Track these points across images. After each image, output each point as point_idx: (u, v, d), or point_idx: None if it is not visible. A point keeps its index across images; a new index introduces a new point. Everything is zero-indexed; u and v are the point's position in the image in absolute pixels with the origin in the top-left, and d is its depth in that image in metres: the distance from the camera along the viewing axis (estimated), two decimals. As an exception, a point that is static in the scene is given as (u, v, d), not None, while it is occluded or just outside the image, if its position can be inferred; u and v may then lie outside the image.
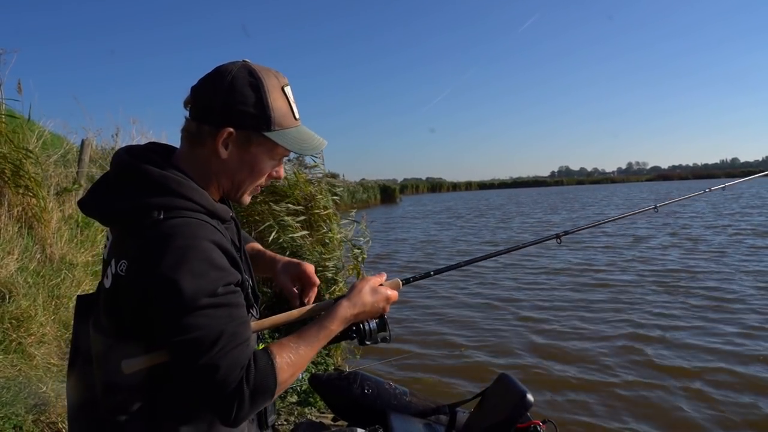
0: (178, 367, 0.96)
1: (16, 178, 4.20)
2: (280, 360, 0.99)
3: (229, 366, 0.92)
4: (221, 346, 0.93)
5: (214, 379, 0.92)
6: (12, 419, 2.55)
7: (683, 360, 4.93)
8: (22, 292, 3.46)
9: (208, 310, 0.93)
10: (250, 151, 1.08)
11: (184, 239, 0.95)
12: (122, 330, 1.00)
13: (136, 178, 1.02)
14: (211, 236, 0.99)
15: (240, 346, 0.95)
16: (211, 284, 0.94)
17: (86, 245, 4.72)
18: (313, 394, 3.57)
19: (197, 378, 0.93)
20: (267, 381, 0.97)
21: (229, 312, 0.96)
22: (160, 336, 0.95)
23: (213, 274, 0.95)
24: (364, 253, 5.00)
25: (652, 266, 9.51)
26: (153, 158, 1.05)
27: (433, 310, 7.20)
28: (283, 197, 5.11)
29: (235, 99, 1.03)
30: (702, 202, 24.27)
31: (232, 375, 0.93)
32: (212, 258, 0.96)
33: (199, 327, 0.92)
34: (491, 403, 1.94)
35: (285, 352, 1.01)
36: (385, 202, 44.21)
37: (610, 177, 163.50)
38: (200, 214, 1.02)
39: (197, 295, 0.92)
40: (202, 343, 0.92)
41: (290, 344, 1.04)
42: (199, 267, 0.94)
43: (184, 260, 0.93)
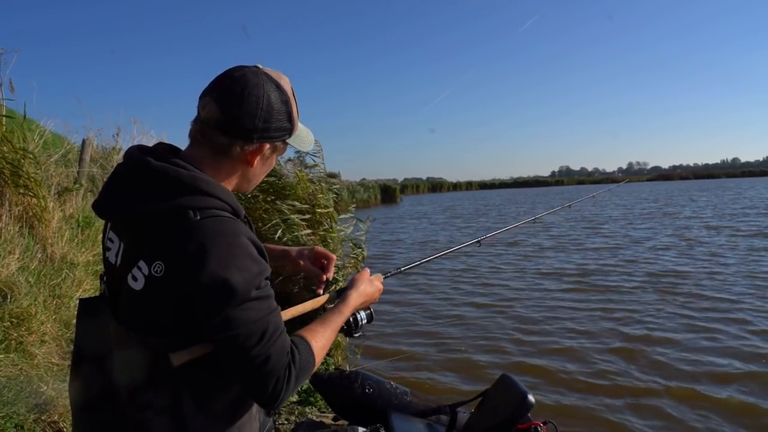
0: (230, 360, 1.01)
1: (16, 178, 4.20)
2: (315, 344, 1.12)
3: (278, 354, 1.01)
4: (269, 336, 1.00)
5: (267, 367, 0.99)
6: (13, 418, 2.55)
7: (685, 363, 4.93)
8: (23, 291, 3.47)
9: (255, 302, 1.00)
10: (273, 156, 1.17)
11: (226, 237, 1.00)
12: (157, 328, 1.01)
13: (165, 179, 1.01)
14: (246, 233, 1.05)
15: (283, 334, 1.04)
16: (256, 278, 1.00)
17: (87, 245, 4.72)
18: (313, 394, 3.58)
19: (251, 368, 0.99)
20: (308, 363, 1.08)
21: (269, 303, 1.03)
22: (209, 330, 0.99)
23: (255, 268, 1.01)
24: (365, 251, 5.00)
25: (650, 268, 9.51)
26: (175, 159, 1.05)
27: (434, 310, 7.21)
28: (285, 196, 5.12)
29: (275, 118, 1.09)
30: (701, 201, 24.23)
31: (281, 361, 1.01)
32: (252, 253, 1.02)
33: (250, 321, 0.99)
34: (492, 404, 1.94)
35: (317, 337, 1.14)
36: (385, 201, 44.21)
37: (611, 177, 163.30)
38: (229, 213, 1.06)
39: (247, 289, 0.98)
40: (254, 336, 0.99)
41: (319, 329, 1.17)
42: (243, 263, 0.99)
43: (230, 257, 0.97)
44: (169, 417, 1.02)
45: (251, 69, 1.08)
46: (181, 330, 1.00)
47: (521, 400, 1.79)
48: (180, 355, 0.99)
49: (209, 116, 1.06)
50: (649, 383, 4.48)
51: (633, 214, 21.29)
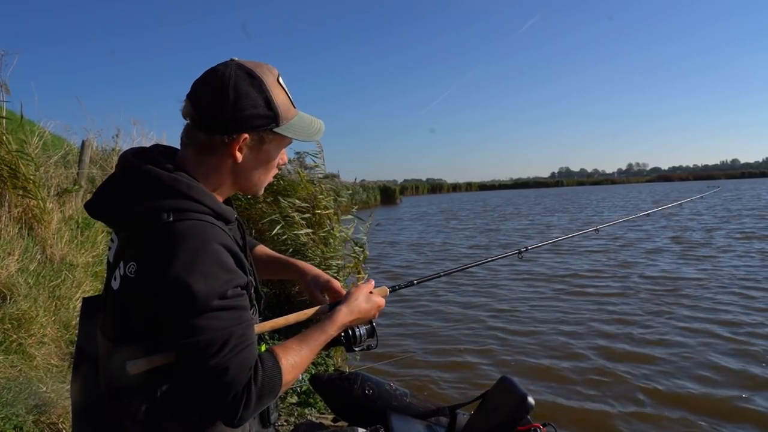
0: (186, 369, 0.97)
1: (14, 180, 4.20)
2: (285, 362, 1.03)
3: (238, 367, 0.95)
4: (230, 348, 0.95)
5: (224, 380, 0.94)
6: (12, 420, 2.55)
7: (688, 366, 4.93)
8: (22, 293, 3.46)
9: (219, 312, 0.95)
10: (263, 149, 1.09)
11: (195, 241, 0.96)
12: (129, 331, 1.01)
13: (146, 180, 1.02)
14: (221, 239, 1.01)
15: (248, 348, 0.98)
16: (221, 287, 0.95)
17: (86, 246, 4.72)
18: (313, 395, 3.57)
19: (207, 379, 0.95)
20: (273, 382, 1.00)
21: (238, 314, 0.98)
22: (169, 337, 0.96)
23: (223, 276, 0.96)
24: (366, 251, 5.00)
25: (650, 272, 9.51)
26: (161, 161, 1.05)
27: (434, 311, 7.20)
28: (286, 195, 5.13)
29: (245, 104, 1.03)
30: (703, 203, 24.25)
31: (240, 376, 0.95)
32: (222, 260, 0.98)
33: (209, 329, 0.94)
34: (492, 406, 1.94)
35: (290, 355, 1.05)
36: (385, 203, 44.22)
37: (611, 178, 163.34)
38: (208, 216, 1.03)
39: (209, 297, 0.94)
40: (212, 345, 0.94)
41: (294, 347, 1.08)
42: (210, 269, 0.95)
43: (195, 262, 0.94)
44: (144, 424, 1.01)
45: (223, 62, 1.08)
46: (148, 336, 0.99)
47: (521, 402, 1.78)
48: (137, 365, 0.97)
49: (187, 115, 1.07)
50: (652, 388, 4.47)
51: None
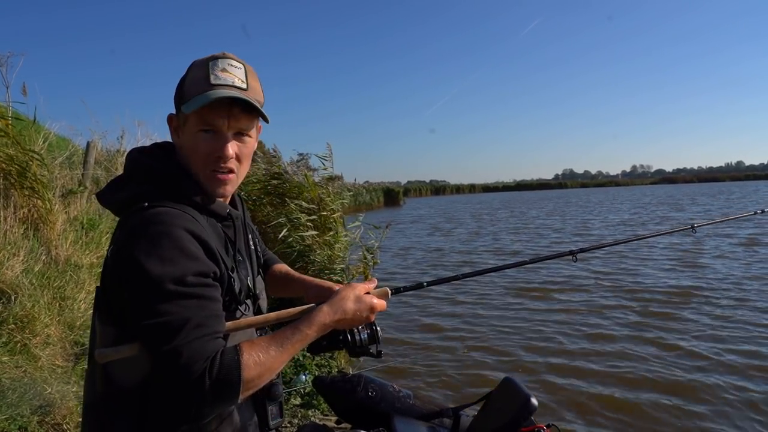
0: (147, 353, 0.95)
1: (22, 180, 4.22)
2: (247, 357, 0.96)
3: (191, 355, 0.91)
4: (185, 335, 0.92)
5: (176, 366, 0.90)
6: (17, 420, 2.56)
7: (690, 370, 4.91)
8: (27, 293, 3.48)
9: (176, 298, 0.93)
10: (185, 132, 1.10)
11: (159, 226, 0.97)
12: (109, 317, 1.03)
13: (134, 170, 1.10)
14: (189, 225, 1.00)
15: (206, 338, 0.94)
16: (179, 271, 0.94)
17: (91, 247, 4.74)
18: (316, 397, 3.58)
19: (160, 364, 0.93)
20: (230, 376, 0.93)
21: (199, 303, 0.96)
22: (132, 322, 0.96)
23: (183, 262, 0.95)
24: (377, 258, 4.96)
25: (661, 280, 9.47)
26: (157, 154, 1.12)
27: (437, 312, 7.20)
28: (293, 197, 5.15)
29: (176, 90, 1.12)
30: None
31: (194, 365, 0.91)
32: (184, 246, 0.97)
33: (164, 313, 0.92)
34: (495, 407, 1.94)
35: (254, 351, 0.98)
36: (388, 204, 44.23)
37: (615, 180, 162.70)
38: (184, 206, 1.04)
39: (162, 280, 0.93)
40: (166, 330, 0.92)
41: (261, 343, 1.01)
42: (169, 253, 0.95)
43: (154, 246, 0.95)
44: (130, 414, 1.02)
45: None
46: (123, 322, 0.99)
47: (524, 402, 1.78)
48: (105, 353, 0.98)
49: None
50: (653, 389, 4.46)
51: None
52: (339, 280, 4.80)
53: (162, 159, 1.10)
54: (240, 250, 1.19)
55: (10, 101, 4.48)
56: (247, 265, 1.22)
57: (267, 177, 5.70)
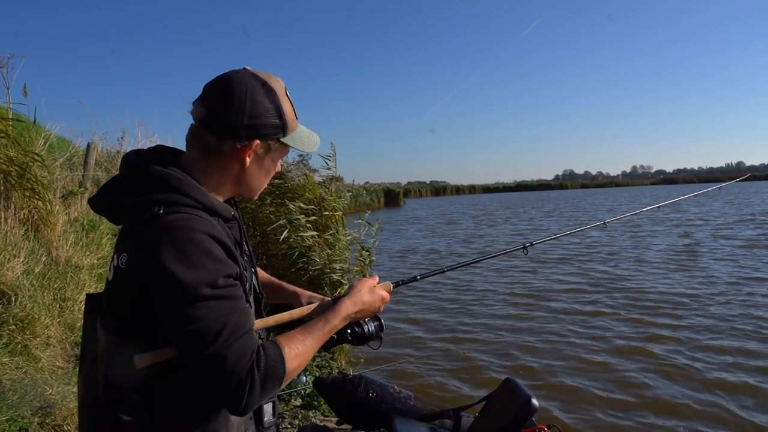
0: (186, 360, 0.97)
1: (23, 181, 4.22)
2: (288, 350, 1.03)
3: (236, 355, 0.95)
4: (226, 337, 0.95)
5: (224, 368, 0.94)
6: (18, 421, 2.56)
7: (692, 370, 4.91)
8: (27, 294, 3.48)
9: (210, 301, 0.96)
10: (268, 157, 1.14)
11: (182, 232, 0.98)
12: (125, 324, 1.03)
13: (141, 176, 1.06)
14: (208, 229, 1.02)
15: (245, 336, 0.98)
16: (210, 275, 0.96)
17: (92, 248, 4.74)
18: (317, 398, 3.57)
19: (206, 369, 0.95)
20: (276, 369, 1.00)
21: (231, 303, 0.99)
22: (165, 329, 0.97)
23: (211, 265, 0.97)
24: (372, 255, 4.99)
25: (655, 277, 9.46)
26: (158, 158, 1.09)
27: (439, 314, 7.20)
28: (293, 198, 5.15)
29: (259, 113, 1.07)
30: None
31: (241, 363, 0.95)
32: (210, 250, 0.99)
33: (202, 318, 0.94)
34: (496, 408, 1.94)
35: (293, 344, 1.05)
36: (388, 205, 44.23)
37: (615, 180, 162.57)
38: (198, 211, 1.05)
39: (197, 286, 0.94)
40: (207, 334, 0.94)
41: (298, 336, 1.08)
42: (197, 259, 0.96)
43: (182, 253, 0.95)
44: (138, 418, 1.02)
45: (236, 70, 1.11)
46: (144, 328, 1.00)
47: (525, 403, 1.78)
48: (144, 358, 0.98)
49: (197, 117, 1.10)
50: (654, 390, 4.46)
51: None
52: (339, 280, 4.80)
53: (170, 164, 1.08)
54: (245, 250, 1.22)
55: (10, 102, 4.48)
56: (248, 264, 1.24)
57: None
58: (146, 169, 1.06)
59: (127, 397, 1.02)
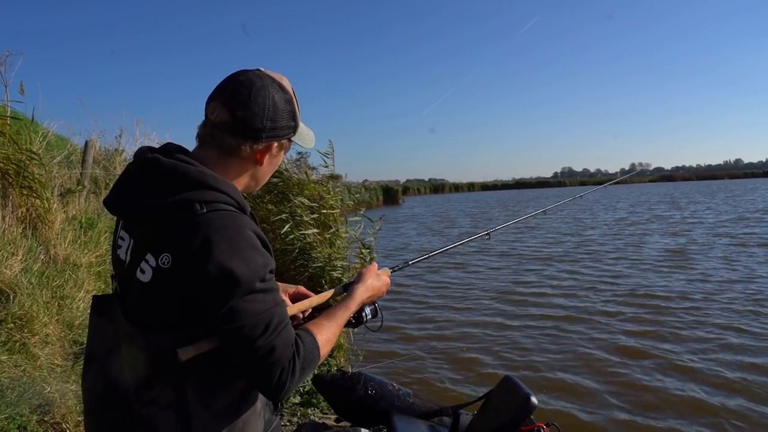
0: (234, 351, 1.02)
1: (20, 179, 4.21)
2: (320, 337, 1.15)
3: (283, 345, 1.03)
4: (274, 328, 1.02)
5: (272, 358, 1.01)
6: (16, 419, 2.56)
7: (693, 368, 4.92)
8: (26, 292, 3.47)
9: (259, 294, 1.02)
10: (279, 155, 1.21)
11: (232, 230, 1.02)
12: (163, 320, 1.04)
13: (174, 175, 1.05)
14: (252, 226, 1.07)
15: (287, 326, 1.06)
16: (260, 270, 1.02)
17: (90, 246, 4.73)
18: (316, 395, 3.57)
19: (256, 359, 1.01)
20: (313, 355, 1.11)
21: (274, 296, 1.06)
22: (214, 322, 1.00)
23: (260, 260, 1.03)
24: (373, 252, 4.98)
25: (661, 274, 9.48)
26: (183, 157, 1.09)
27: (438, 311, 7.20)
28: (294, 195, 5.16)
29: (279, 116, 1.13)
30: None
31: (286, 352, 1.03)
32: (257, 245, 1.05)
33: (254, 312, 1.00)
34: (495, 406, 1.94)
35: (323, 330, 1.17)
36: (387, 203, 44.22)
37: (613, 178, 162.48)
38: (234, 208, 1.08)
39: (252, 280, 1.00)
40: (258, 327, 1.00)
41: (324, 323, 1.20)
42: (248, 254, 1.01)
43: (235, 249, 1.00)
44: (173, 412, 1.04)
45: (254, 72, 1.13)
46: (186, 324, 1.03)
47: (524, 401, 1.78)
48: (187, 351, 1.01)
49: (218, 119, 1.10)
50: (654, 389, 4.47)
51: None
52: (339, 278, 4.80)
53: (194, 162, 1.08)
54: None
55: (8, 100, 4.47)
56: None
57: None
58: (181, 169, 1.05)
59: (162, 393, 1.04)
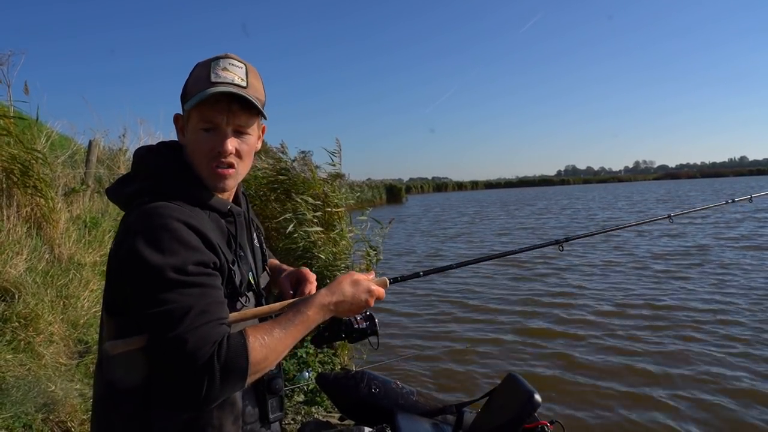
0: (150, 343, 0.97)
1: (25, 179, 4.23)
2: (253, 340, 0.99)
3: (198, 341, 0.93)
4: (189, 321, 0.94)
5: (183, 352, 0.92)
6: (22, 418, 2.57)
7: (698, 372, 4.90)
8: (31, 291, 3.48)
9: (178, 287, 0.96)
10: (188, 129, 1.14)
11: (157, 219, 1.01)
12: (116, 309, 1.05)
13: (141, 168, 1.14)
14: (186, 218, 1.03)
15: (211, 323, 0.96)
16: (180, 261, 0.97)
17: (94, 245, 4.75)
18: (319, 394, 3.58)
19: (165, 352, 0.94)
20: (238, 359, 0.96)
21: (201, 291, 0.98)
22: (136, 313, 0.98)
23: (183, 252, 0.98)
24: (380, 254, 4.96)
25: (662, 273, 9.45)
26: (163, 151, 1.15)
27: (440, 309, 7.19)
28: (298, 192, 5.18)
29: (185, 90, 1.15)
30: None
31: (201, 350, 0.92)
32: (182, 237, 1.00)
33: (167, 301, 0.95)
34: (498, 403, 1.94)
35: (259, 333, 1.01)
36: (390, 201, 44.21)
37: (617, 176, 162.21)
38: (182, 202, 1.07)
39: (165, 270, 0.95)
40: (170, 318, 0.94)
41: (265, 326, 1.05)
42: (168, 244, 0.98)
43: (154, 238, 0.98)
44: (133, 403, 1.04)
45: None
46: (126, 311, 1.02)
47: (528, 399, 1.78)
48: (115, 345, 1.00)
49: None
50: (656, 388, 4.46)
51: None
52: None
53: (166, 156, 1.14)
54: (242, 245, 1.21)
55: (12, 100, 4.48)
56: (249, 260, 1.24)
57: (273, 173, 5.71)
58: (144, 161, 1.14)
59: (127, 382, 1.04)
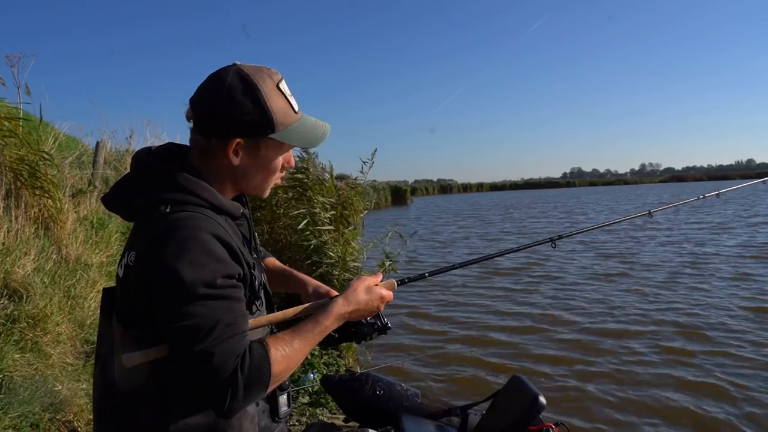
0: (175, 355, 0.99)
1: (33, 180, 4.26)
2: (275, 352, 1.02)
3: (223, 354, 0.95)
4: (216, 335, 0.95)
5: (209, 366, 0.94)
6: (29, 417, 2.58)
7: (695, 366, 4.87)
8: (38, 292, 3.50)
9: (206, 300, 0.97)
10: (260, 154, 1.12)
11: (185, 231, 0.99)
12: (133, 320, 1.04)
13: (152, 175, 1.08)
14: (213, 229, 1.03)
15: (236, 336, 0.98)
16: (209, 275, 0.97)
17: (101, 246, 4.77)
18: (324, 395, 3.58)
19: (192, 365, 0.95)
20: (261, 371, 0.99)
21: (227, 304, 1.00)
22: (161, 325, 0.99)
23: (212, 265, 0.99)
24: (395, 267, 4.95)
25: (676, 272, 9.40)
26: (168, 157, 1.12)
27: (445, 311, 7.19)
28: (315, 192, 5.22)
29: (237, 110, 1.06)
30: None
31: (227, 363, 0.95)
32: (212, 250, 1.00)
33: (196, 315, 0.95)
34: (503, 405, 1.94)
35: (280, 345, 1.04)
36: (396, 203, 44.22)
37: (623, 178, 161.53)
38: (205, 209, 1.06)
39: (195, 284, 0.96)
40: (198, 331, 0.95)
41: (285, 338, 1.07)
42: (198, 258, 0.97)
43: (184, 251, 0.97)
44: (153, 410, 1.04)
45: (224, 68, 1.10)
46: (147, 325, 1.02)
47: (533, 401, 1.78)
48: (132, 357, 1.00)
49: (188, 117, 1.13)
50: (658, 388, 4.43)
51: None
52: (351, 278, 4.81)
53: (178, 163, 1.10)
54: (255, 247, 1.23)
55: (21, 102, 4.52)
56: (258, 260, 1.25)
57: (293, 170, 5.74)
58: (156, 168, 1.08)
59: (144, 391, 1.04)
